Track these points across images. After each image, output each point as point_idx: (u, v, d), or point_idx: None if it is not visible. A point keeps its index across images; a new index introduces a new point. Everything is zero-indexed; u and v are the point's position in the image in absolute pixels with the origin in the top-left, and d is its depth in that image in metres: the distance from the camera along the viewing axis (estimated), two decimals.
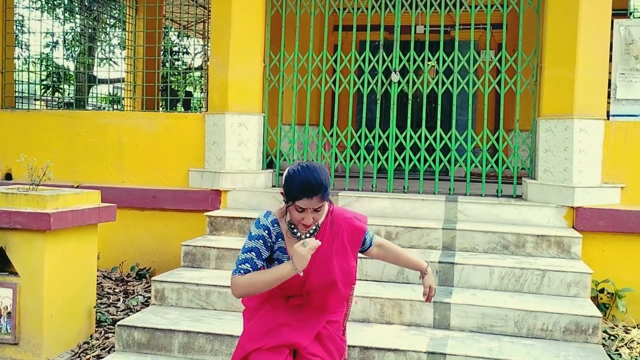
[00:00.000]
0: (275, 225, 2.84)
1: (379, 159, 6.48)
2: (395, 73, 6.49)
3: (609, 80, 5.90)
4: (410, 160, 6.40)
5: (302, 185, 2.66)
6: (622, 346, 4.66)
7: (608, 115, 5.92)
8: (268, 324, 2.86)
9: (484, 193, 6.21)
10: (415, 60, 6.44)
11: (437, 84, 6.41)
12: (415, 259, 3.18)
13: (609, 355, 4.35)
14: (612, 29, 5.85)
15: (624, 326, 5.18)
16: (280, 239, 2.84)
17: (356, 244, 2.94)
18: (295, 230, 2.83)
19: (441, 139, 6.34)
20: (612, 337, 4.85)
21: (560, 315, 4.27)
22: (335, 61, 6.64)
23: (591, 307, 4.46)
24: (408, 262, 3.19)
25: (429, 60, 6.49)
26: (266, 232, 2.82)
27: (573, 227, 5.52)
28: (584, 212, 5.51)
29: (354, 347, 4.01)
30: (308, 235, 2.84)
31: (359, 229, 2.94)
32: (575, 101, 5.64)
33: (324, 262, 2.82)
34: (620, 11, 6.33)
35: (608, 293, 5.36)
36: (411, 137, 6.40)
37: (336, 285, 2.85)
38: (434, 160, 6.36)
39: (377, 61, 6.52)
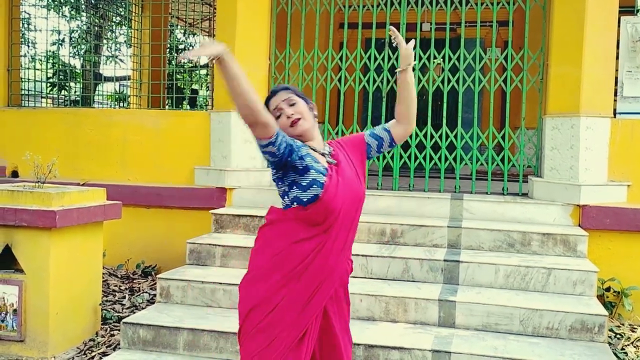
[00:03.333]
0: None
1: (384, 157, 6.47)
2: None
3: (616, 78, 5.87)
4: (416, 158, 6.39)
5: (267, 97, 2.79)
6: (628, 345, 4.65)
7: (614, 113, 5.89)
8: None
9: (489, 191, 6.19)
10: (421, 58, 6.43)
11: (443, 81, 6.39)
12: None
13: (615, 354, 4.33)
14: (618, 26, 5.81)
15: (630, 325, 5.16)
16: (305, 146, 2.69)
17: (362, 154, 2.90)
18: (313, 147, 2.74)
19: (447, 136, 6.33)
20: (618, 336, 4.84)
21: (566, 313, 4.26)
22: (340, 59, 6.63)
23: (597, 305, 4.44)
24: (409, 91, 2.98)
25: (435, 58, 6.48)
26: (290, 139, 2.63)
27: (579, 225, 5.50)
28: (590, 210, 5.49)
29: (359, 345, 4.00)
30: (326, 152, 2.77)
31: (357, 138, 2.94)
32: (582, 99, 5.61)
33: (348, 177, 2.72)
34: (627, 8, 6.30)
35: (614, 291, 5.34)
36: (417, 135, 6.38)
37: (363, 200, 2.79)
38: (439, 158, 6.35)
39: (383, 59, 6.50)
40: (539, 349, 4.02)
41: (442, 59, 6.40)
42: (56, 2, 14.02)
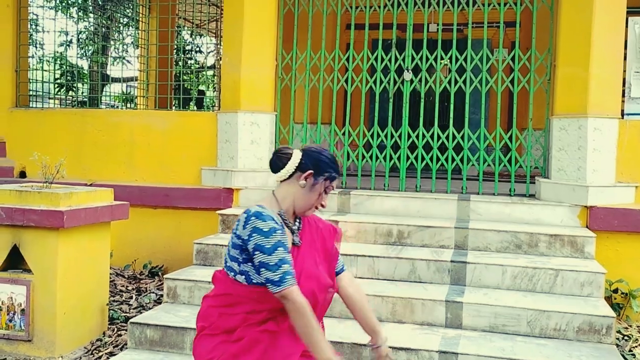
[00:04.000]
0: (273, 216, 2.48)
1: (391, 158, 6.47)
2: (408, 72, 6.47)
3: (624, 79, 5.85)
4: (423, 159, 6.38)
5: (335, 164, 2.59)
6: (636, 346, 4.63)
7: (622, 114, 5.87)
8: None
9: (496, 192, 6.18)
10: (427, 59, 6.42)
11: (449, 82, 6.38)
12: (375, 321, 2.73)
13: (623, 355, 4.31)
14: (626, 26, 5.79)
15: (638, 326, 5.14)
16: (282, 231, 2.47)
17: (333, 256, 2.69)
18: (287, 221, 2.56)
19: (454, 137, 6.32)
20: (626, 338, 4.81)
21: (574, 315, 4.24)
22: (347, 60, 6.63)
23: (605, 307, 4.42)
24: (367, 319, 2.74)
25: (442, 58, 6.47)
26: (276, 223, 2.43)
27: (587, 227, 5.48)
28: (597, 212, 5.47)
29: (366, 346, 4.00)
30: (295, 228, 2.59)
31: (335, 237, 2.72)
32: (589, 100, 5.59)
33: (311, 263, 2.55)
34: (635, 9, 6.27)
35: (622, 293, 5.32)
36: (423, 136, 6.38)
37: (328, 290, 2.58)
38: (446, 159, 6.34)
39: (390, 60, 6.50)
40: (547, 350, 4.01)
41: (449, 60, 6.39)
42: (64, 4, 14.08)
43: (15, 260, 4.52)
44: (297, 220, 2.63)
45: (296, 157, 2.56)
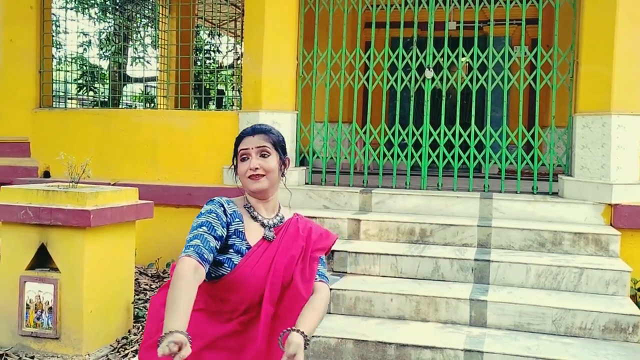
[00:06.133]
0: (231, 203, 2.38)
1: (412, 156, 6.46)
2: (429, 70, 6.46)
3: None
4: (444, 157, 6.37)
5: (244, 130, 2.44)
6: None
7: None
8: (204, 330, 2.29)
9: (519, 190, 6.14)
10: (449, 57, 6.40)
11: (471, 80, 6.36)
12: (300, 320, 2.26)
13: None
14: None
15: None
16: (237, 219, 2.35)
17: (313, 259, 2.44)
18: (255, 214, 2.40)
19: (475, 135, 6.30)
20: None
21: (599, 313, 4.22)
22: (368, 58, 6.63)
23: (630, 305, 4.40)
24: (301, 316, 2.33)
25: (463, 56, 6.45)
26: (220, 208, 2.33)
27: (611, 225, 5.44)
28: (622, 210, 5.43)
29: (390, 344, 4.01)
30: (271, 223, 2.41)
31: (317, 256, 2.45)
32: (613, 97, 5.56)
33: (277, 260, 2.34)
34: None
35: None
36: (445, 134, 6.37)
37: (297, 290, 2.35)
38: (468, 157, 6.32)
39: (411, 58, 6.49)
40: (572, 349, 4.00)
41: (470, 58, 6.37)
42: (84, 5, 14.20)
43: (43, 259, 4.57)
44: (277, 217, 2.46)
45: None
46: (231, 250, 2.29)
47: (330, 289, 2.78)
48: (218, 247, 2.25)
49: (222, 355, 2.29)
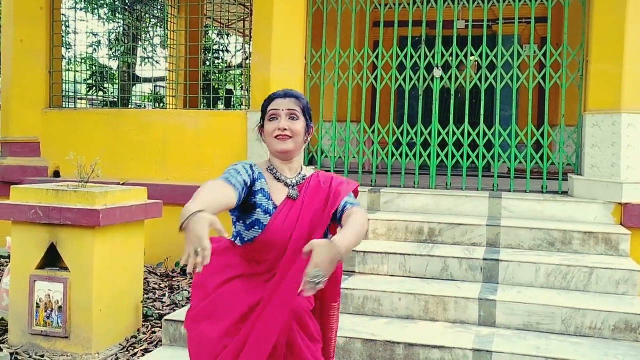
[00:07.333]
0: (255, 166, 2.50)
1: (421, 156, 6.45)
2: (438, 69, 6.45)
3: None
4: (453, 156, 6.36)
5: (276, 92, 2.53)
6: None
7: None
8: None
9: (528, 189, 6.12)
10: (457, 56, 6.39)
11: (480, 79, 6.34)
12: (343, 231, 2.31)
13: None
14: None
15: None
16: (262, 179, 2.47)
17: (332, 206, 2.47)
18: (278, 175, 2.50)
19: (484, 134, 6.28)
20: None
21: (609, 313, 4.20)
22: (377, 57, 6.62)
23: None
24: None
25: (472, 55, 6.43)
26: (246, 165, 2.47)
27: (621, 224, 5.41)
28: (632, 209, 5.40)
29: (398, 343, 4.00)
30: (294, 182, 2.50)
31: (343, 191, 2.50)
32: (623, 95, 5.53)
33: (302, 217, 2.41)
34: None
35: None
36: (454, 133, 6.35)
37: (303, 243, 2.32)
38: (477, 156, 6.30)
39: (419, 57, 6.48)
40: (582, 349, 3.97)
41: (479, 57, 6.35)
42: (94, 5, 14.26)
43: (53, 259, 4.59)
44: (299, 176, 2.53)
45: None
46: (259, 211, 2.40)
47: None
48: (244, 189, 2.35)
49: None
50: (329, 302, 2.59)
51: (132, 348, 4.66)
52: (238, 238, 2.49)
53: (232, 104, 15.84)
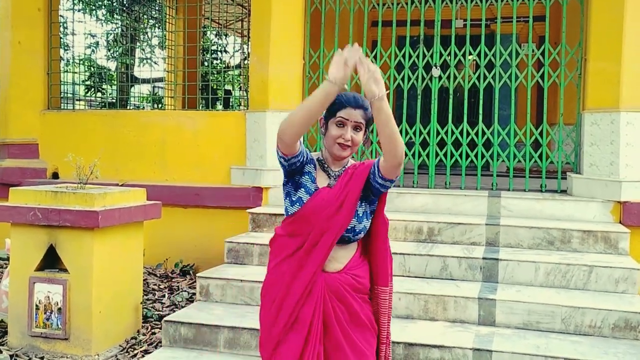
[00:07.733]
0: (310, 154, 2.76)
1: (420, 155, 6.45)
2: (436, 68, 6.45)
3: None
4: (452, 155, 6.36)
5: (347, 97, 2.64)
6: None
7: None
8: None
9: (527, 188, 6.12)
10: (456, 55, 6.39)
11: (478, 78, 6.34)
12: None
13: None
14: None
15: None
16: (311, 165, 2.73)
17: (362, 181, 2.65)
18: (326, 167, 2.72)
19: (483, 133, 6.28)
20: None
21: (609, 311, 4.20)
22: (375, 57, 6.62)
23: None
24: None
25: (470, 54, 6.43)
26: (306, 150, 2.72)
27: (620, 222, 5.41)
28: (631, 207, 5.40)
29: (398, 343, 4.00)
30: (336, 174, 2.70)
31: (368, 163, 2.68)
32: (622, 94, 5.53)
33: (327, 200, 2.63)
34: None
35: None
36: (452, 132, 6.35)
37: (339, 223, 2.61)
38: (475, 156, 6.30)
39: (418, 56, 6.48)
40: (582, 348, 3.98)
41: (477, 56, 6.35)
42: (91, 6, 14.25)
43: (52, 260, 4.60)
44: (342, 169, 2.73)
45: None
46: (302, 190, 2.68)
47: None
48: (301, 153, 2.64)
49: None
50: (379, 285, 2.77)
51: (132, 349, 4.66)
52: (286, 212, 2.76)
53: (231, 104, 15.83)
